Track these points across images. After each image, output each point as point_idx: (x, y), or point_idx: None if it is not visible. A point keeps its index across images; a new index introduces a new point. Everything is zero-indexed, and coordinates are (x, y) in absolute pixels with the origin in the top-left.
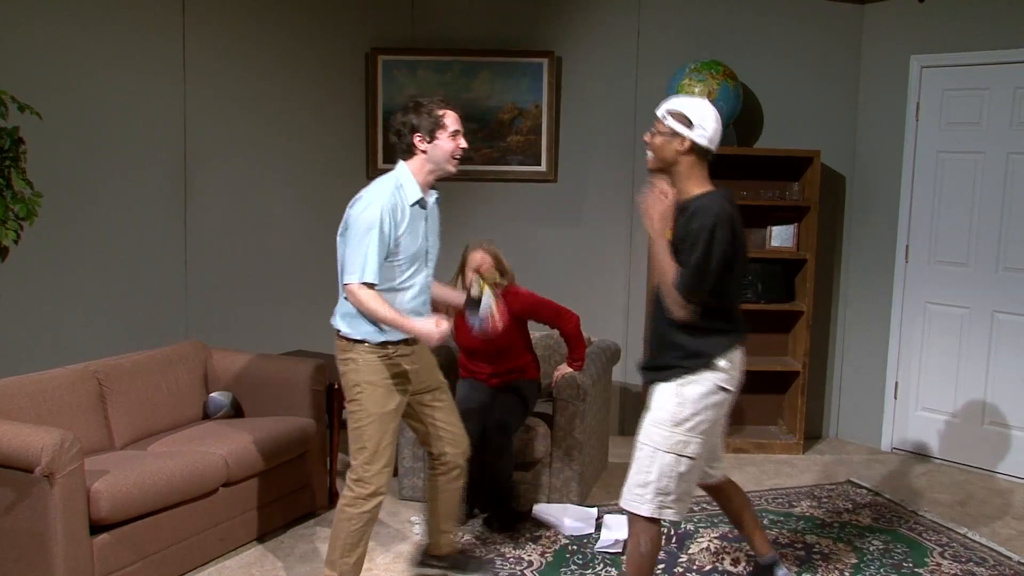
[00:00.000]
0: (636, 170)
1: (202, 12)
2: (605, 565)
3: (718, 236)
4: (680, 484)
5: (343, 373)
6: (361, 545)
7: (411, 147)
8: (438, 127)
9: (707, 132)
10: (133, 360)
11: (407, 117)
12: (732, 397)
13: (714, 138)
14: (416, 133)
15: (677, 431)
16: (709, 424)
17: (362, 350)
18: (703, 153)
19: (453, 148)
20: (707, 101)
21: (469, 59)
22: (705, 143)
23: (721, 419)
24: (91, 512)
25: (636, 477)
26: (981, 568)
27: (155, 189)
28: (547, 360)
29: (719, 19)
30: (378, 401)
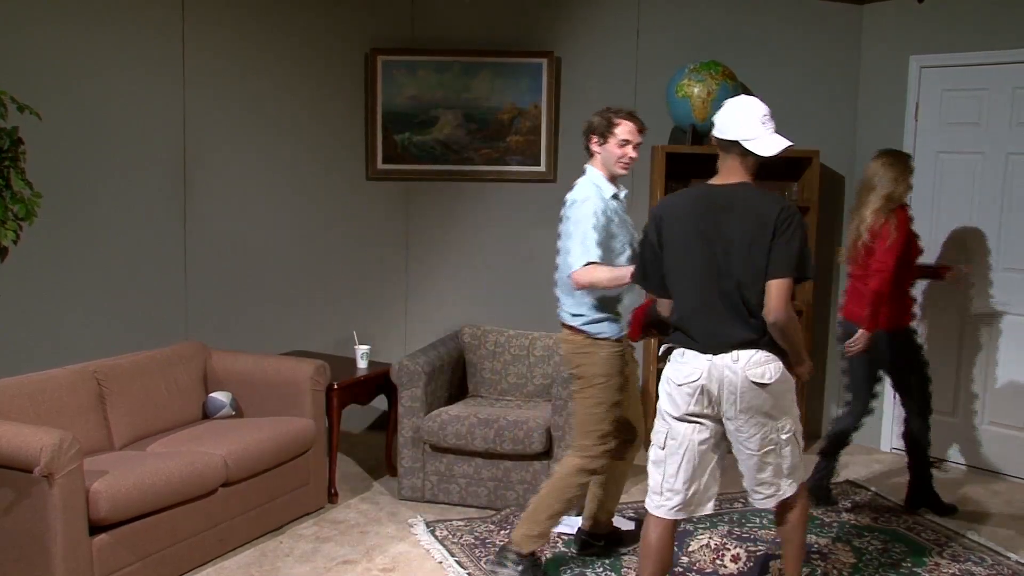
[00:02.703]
0: (635, 170)
1: (202, 12)
2: (605, 567)
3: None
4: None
5: (579, 365)
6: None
7: (589, 148)
8: (610, 132)
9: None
10: (132, 360)
11: (589, 120)
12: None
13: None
14: (592, 135)
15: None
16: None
17: (604, 346)
18: (719, 146)
19: (620, 154)
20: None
21: (468, 59)
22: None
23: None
24: (90, 512)
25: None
26: (979, 568)
27: (155, 189)
28: (546, 360)
29: (719, 19)
30: (614, 392)
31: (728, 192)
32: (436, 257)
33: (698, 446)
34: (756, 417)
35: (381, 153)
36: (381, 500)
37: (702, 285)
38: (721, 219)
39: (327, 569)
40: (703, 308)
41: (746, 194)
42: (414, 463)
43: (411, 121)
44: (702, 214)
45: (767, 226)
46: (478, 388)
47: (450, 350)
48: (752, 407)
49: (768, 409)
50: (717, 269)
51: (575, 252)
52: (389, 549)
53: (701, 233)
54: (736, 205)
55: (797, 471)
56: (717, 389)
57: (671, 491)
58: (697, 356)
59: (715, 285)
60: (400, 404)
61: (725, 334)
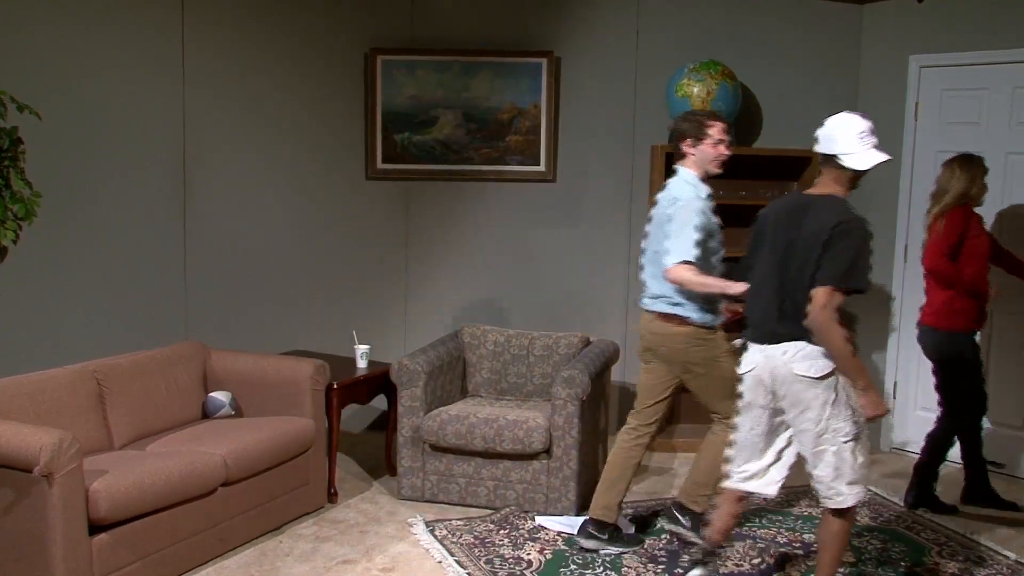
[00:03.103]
0: (635, 169)
1: (202, 12)
2: (605, 568)
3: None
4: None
5: (693, 352)
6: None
7: (681, 151)
8: (703, 134)
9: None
10: (132, 360)
11: (678, 125)
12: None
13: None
14: (684, 139)
15: None
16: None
17: (718, 333)
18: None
19: (715, 153)
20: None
21: (468, 59)
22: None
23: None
24: (90, 512)
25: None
26: (978, 566)
27: (154, 189)
28: (546, 360)
29: (718, 19)
30: (733, 362)
31: (811, 200)
32: (436, 257)
33: (755, 434)
34: (806, 412)
35: (381, 153)
36: (381, 500)
37: (766, 282)
38: (794, 224)
39: (327, 569)
40: (763, 302)
41: (821, 203)
42: (414, 463)
43: (411, 121)
44: (784, 219)
45: (822, 235)
46: (478, 388)
47: (450, 350)
48: (800, 400)
49: (818, 406)
50: (780, 269)
51: (674, 248)
52: (389, 549)
53: (776, 235)
54: (809, 212)
55: (860, 481)
56: (770, 380)
57: (736, 471)
58: (755, 348)
59: (776, 283)
60: (400, 404)
61: (778, 326)
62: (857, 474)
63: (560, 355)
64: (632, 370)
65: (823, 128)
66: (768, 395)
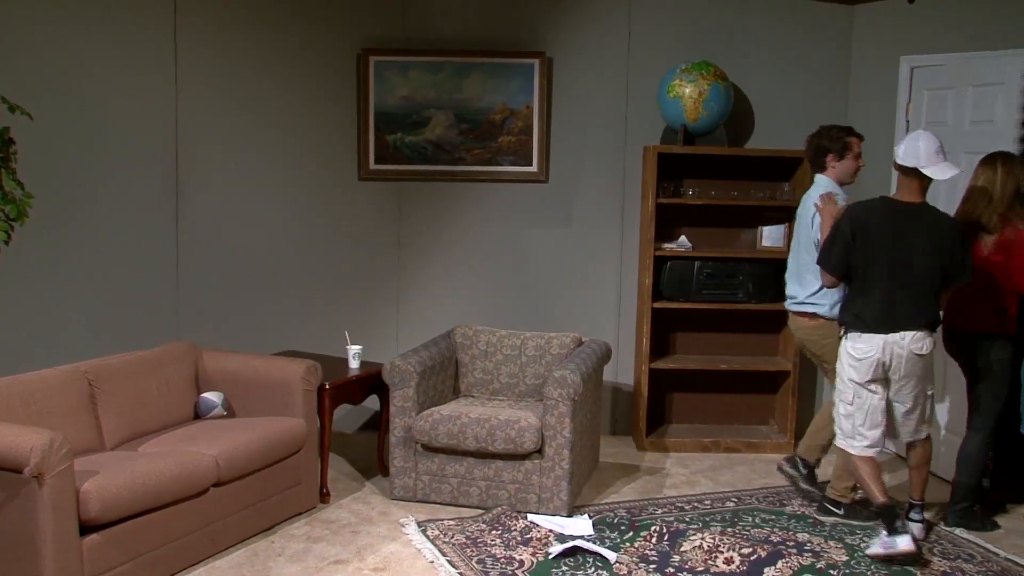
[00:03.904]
0: (627, 170)
1: (194, 12)
2: (596, 567)
3: (840, 227)
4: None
5: (827, 344)
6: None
7: (823, 164)
8: (847, 150)
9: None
10: (124, 360)
11: (822, 142)
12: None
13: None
14: (829, 154)
15: None
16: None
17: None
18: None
19: (856, 167)
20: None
21: (460, 60)
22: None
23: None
24: (80, 512)
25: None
26: (969, 564)
27: (147, 189)
28: (538, 360)
29: (710, 20)
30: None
31: (914, 209)
32: (428, 257)
33: (877, 402)
34: (912, 380)
35: (373, 153)
36: (373, 500)
37: (887, 278)
38: (911, 229)
39: (318, 569)
40: (886, 296)
41: (930, 211)
42: (406, 463)
43: (403, 121)
44: (892, 223)
45: (950, 241)
46: (470, 388)
47: (442, 350)
48: (911, 373)
49: (920, 374)
50: (901, 267)
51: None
52: (380, 549)
53: (891, 238)
54: (924, 219)
55: (932, 420)
56: (889, 359)
57: (861, 436)
58: (873, 336)
59: (897, 279)
60: (392, 404)
61: (900, 317)
62: (931, 414)
63: (552, 355)
64: (624, 370)
65: (907, 143)
66: (884, 372)
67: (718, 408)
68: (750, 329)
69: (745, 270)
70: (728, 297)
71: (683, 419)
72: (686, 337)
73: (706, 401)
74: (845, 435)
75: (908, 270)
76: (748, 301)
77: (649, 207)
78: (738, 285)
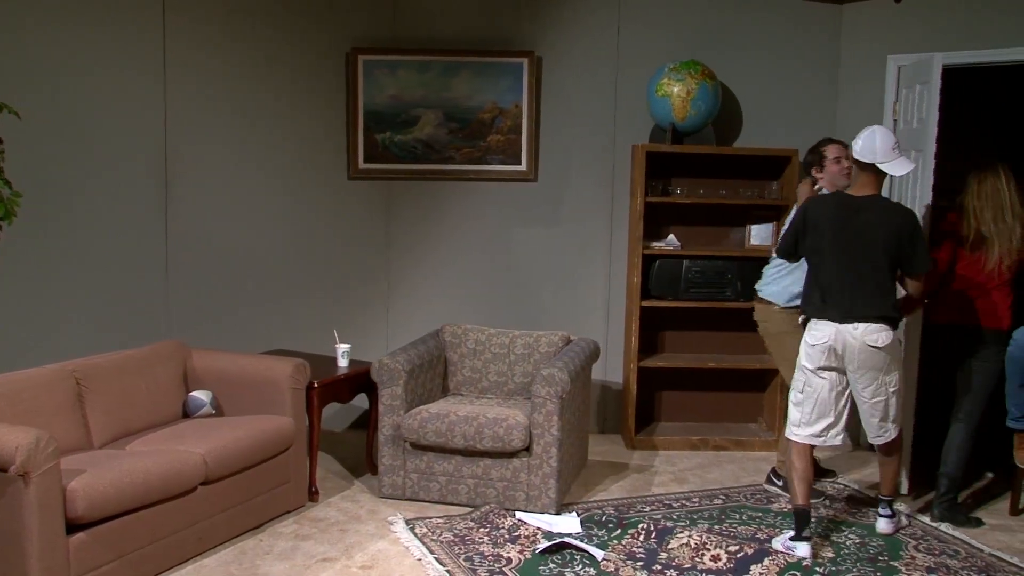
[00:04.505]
0: (616, 169)
1: (183, 10)
2: (584, 564)
3: (795, 218)
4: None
5: (774, 333)
6: None
7: (813, 178)
8: (822, 158)
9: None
10: (112, 359)
11: (805, 159)
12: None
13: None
14: (812, 168)
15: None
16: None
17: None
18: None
19: (837, 170)
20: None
21: (449, 59)
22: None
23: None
24: (67, 511)
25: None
26: (954, 560)
27: (136, 188)
28: (526, 359)
29: (698, 19)
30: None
31: (867, 202)
32: (417, 256)
33: (827, 392)
34: (870, 373)
35: (362, 152)
36: (362, 498)
37: (839, 270)
38: (859, 221)
39: (306, 567)
40: (838, 287)
41: (882, 203)
42: (394, 461)
43: (392, 120)
44: (844, 216)
45: (903, 233)
46: (459, 386)
47: (430, 348)
48: (867, 365)
49: (879, 368)
50: (852, 259)
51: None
52: (368, 547)
53: (841, 231)
54: (873, 211)
55: (899, 417)
56: (841, 349)
57: (805, 424)
58: (828, 324)
59: (849, 271)
60: (380, 402)
61: (851, 308)
62: (897, 413)
63: (541, 354)
64: (613, 369)
65: (864, 139)
66: (838, 360)
67: (706, 406)
68: (738, 327)
69: (733, 269)
70: (716, 296)
71: (672, 417)
72: (675, 335)
73: (694, 399)
74: (791, 423)
75: (859, 262)
76: (736, 300)
77: (637, 206)
78: (726, 284)
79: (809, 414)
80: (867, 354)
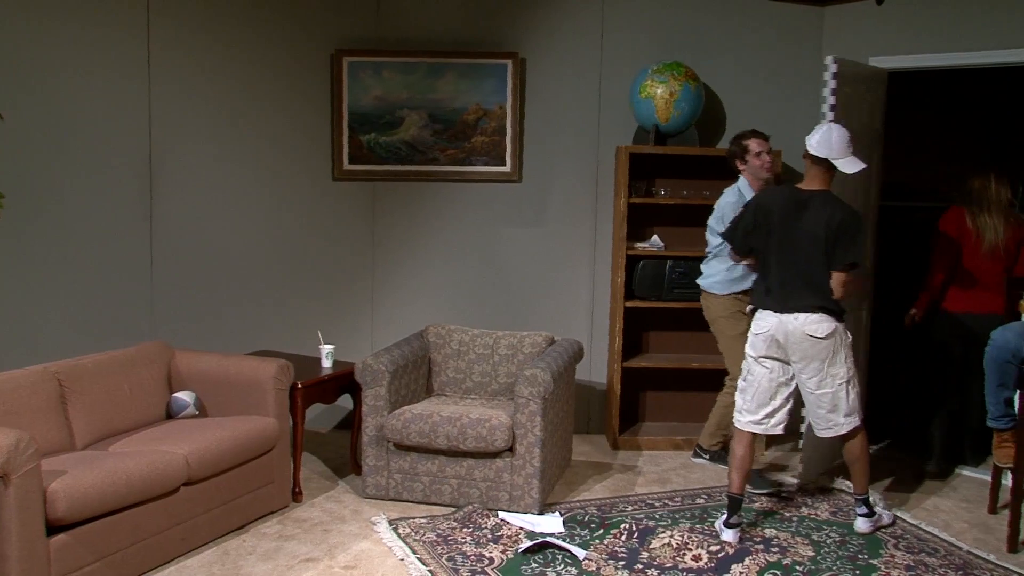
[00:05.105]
0: (600, 170)
1: (168, 12)
2: (566, 564)
3: (746, 209)
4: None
5: (713, 319)
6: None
7: (737, 169)
8: (745, 151)
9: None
10: (95, 360)
11: (728, 149)
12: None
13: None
14: (734, 159)
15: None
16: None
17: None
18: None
19: (759, 163)
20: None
21: (434, 60)
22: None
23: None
24: (47, 512)
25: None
26: (932, 558)
27: (121, 189)
28: (510, 359)
29: (682, 21)
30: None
31: (814, 196)
32: (402, 257)
33: (767, 381)
34: (813, 363)
35: (347, 153)
36: (346, 498)
37: (782, 261)
38: (804, 214)
39: (289, 567)
40: (781, 277)
41: (827, 198)
42: (378, 461)
43: (377, 122)
44: (791, 209)
45: (837, 226)
46: (443, 387)
47: (414, 349)
48: (809, 355)
49: (822, 358)
50: (794, 251)
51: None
52: (351, 547)
53: (787, 223)
54: (819, 205)
55: (854, 412)
56: (783, 339)
57: (747, 411)
58: (771, 314)
59: (791, 262)
60: (364, 403)
61: (791, 298)
62: (851, 407)
63: (525, 354)
64: (597, 369)
65: (819, 136)
66: (780, 350)
67: (690, 406)
68: None
69: None
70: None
71: (656, 417)
72: (659, 336)
73: (678, 400)
74: (736, 409)
75: (800, 254)
76: None
77: (621, 207)
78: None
79: (750, 401)
80: (808, 344)
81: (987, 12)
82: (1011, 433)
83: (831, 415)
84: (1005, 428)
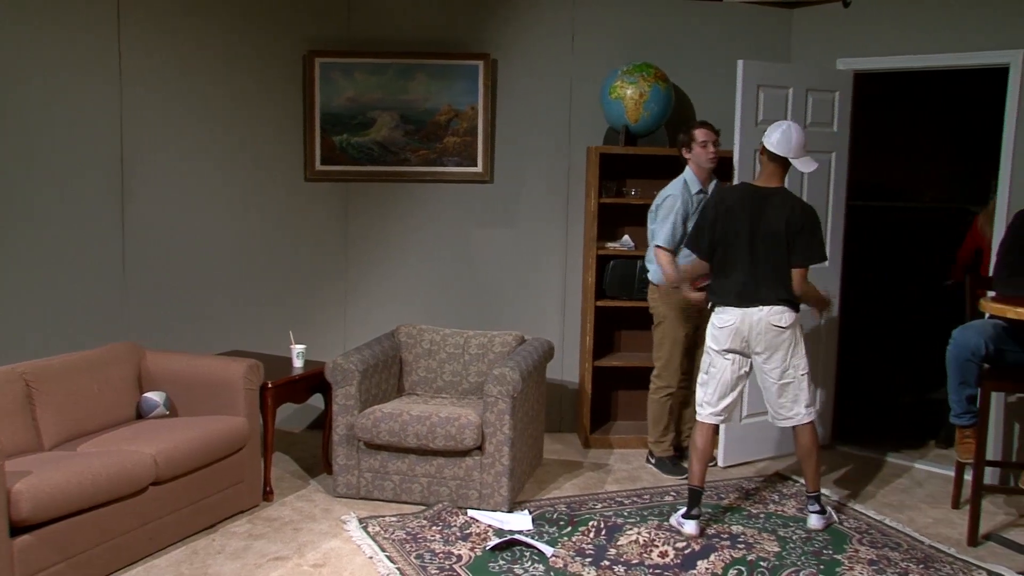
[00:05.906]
0: (571, 170)
1: (138, 12)
2: (533, 561)
3: (704, 210)
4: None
5: (655, 309)
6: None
7: (683, 159)
8: (691, 140)
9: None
10: (63, 361)
11: (678, 137)
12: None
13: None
14: (681, 148)
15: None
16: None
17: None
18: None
19: (702, 153)
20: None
21: (405, 61)
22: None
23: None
24: (11, 513)
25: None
26: (895, 552)
27: (92, 191)
28: (480, 359)
29: (652, 22)
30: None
31: (772, 193)
32: (375, 257)
33: (730, 374)
34: (777, 353)
35: (319, 154)
36: (317, 497)
37: (744, 257)
38: (765, 211)
39: (257, 566)
40: (743, 274)
41: (786, 195)
42: (349, 460)
43: (348, 122)
44: (750, 206)
45: (798, 224)
46: (414, 386)
47: (385, 349)
48: (772, 345)
49: (785, 348)
50: (756, 247)
51: (658, 231)
52: (321, 545)
53: (749, 220)
54: (778, 202)
55: (813, 403)
56: (748, 332)
57: (708, 404)
58: (735, 309)
59: (753, 258)
60: (335, 402)
61: (755, 293)
62: (810, 398)
63: (495, 353)
64: (569, 369)
65: (779, 134)
66: (743, 343)
67: None
68: None
69: None
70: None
71: (627, 416)
72: (629, 335)
73: None
74: (697, 402)
75: (762, 249)
76: None
77: (592, 207)
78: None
79: (712, 394)
80: (772, 334)
81: (954, 15)
82: (973, 429)
83: (793, 405)
84: (967, 425)
